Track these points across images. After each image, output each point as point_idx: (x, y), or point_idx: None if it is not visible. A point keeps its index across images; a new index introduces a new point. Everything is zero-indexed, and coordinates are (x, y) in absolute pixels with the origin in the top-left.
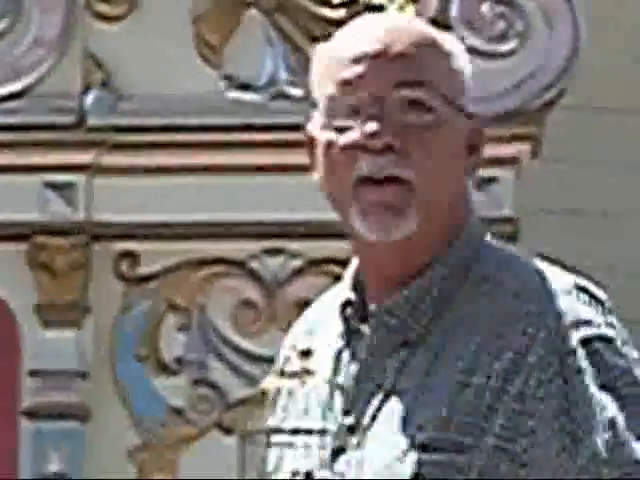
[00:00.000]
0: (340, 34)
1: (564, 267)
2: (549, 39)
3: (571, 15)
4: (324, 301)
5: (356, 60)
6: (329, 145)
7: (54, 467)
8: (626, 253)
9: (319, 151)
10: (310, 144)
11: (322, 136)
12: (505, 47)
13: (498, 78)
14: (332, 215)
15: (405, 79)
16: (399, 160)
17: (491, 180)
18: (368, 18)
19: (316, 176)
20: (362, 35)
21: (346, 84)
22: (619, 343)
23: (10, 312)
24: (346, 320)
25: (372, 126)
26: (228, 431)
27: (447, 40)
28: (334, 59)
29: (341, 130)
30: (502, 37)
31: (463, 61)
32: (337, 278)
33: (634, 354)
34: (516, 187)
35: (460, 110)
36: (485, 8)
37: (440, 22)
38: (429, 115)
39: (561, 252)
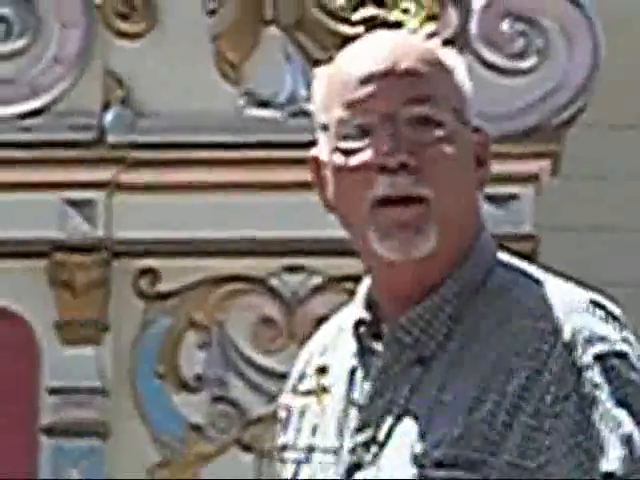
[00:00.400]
0: (342, 56)
1: (579, 283)
2: (569, 56)
3: (591, 32)
4: (337, 320)
5: (364, 80)
6: (339, 169)
7: None
8: None
9: (328, 175)
10: (316, 169)
11: (331, 160)
12: (525, 64)
13: (518, 95)
14: None
15: (415, 96)
16: (415, 178)
17: (511, 197)
18: (368, 38)
19: (325, 201)
20: (367, 55)
21: (356, 105)
22: (634, 359)
23: (30, 329)
24: (359, 339)
25: (386, 145)
26: (248, 448)
27: (448, 55)
28: (339, 81)
29: (349, 153)
30: (522, 54)
31: (464, 75)
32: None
33: None
34: (536, 204)
35: (466, 124)
36: (505, 25)
37: (459, 39)
38: (440, 130)
39: (580, 268)
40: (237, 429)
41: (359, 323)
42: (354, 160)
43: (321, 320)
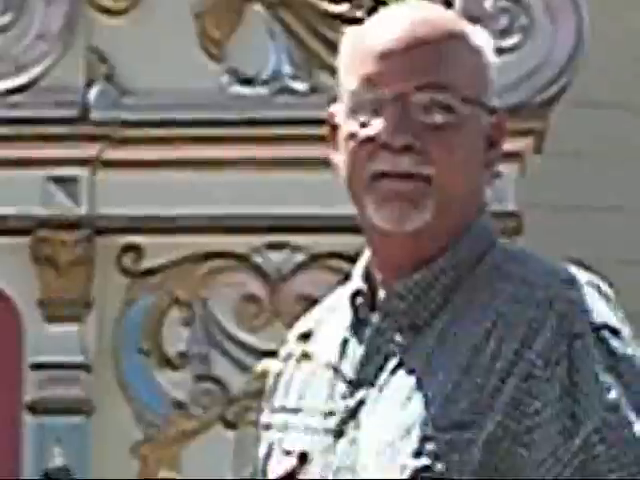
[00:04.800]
0: (370, 23)
1: (578, 263)
2: (553, 34)
3: (575, 9)
4: (328, 301)
5: (381, 56)
6: (350, 136)
7: (58, 461)
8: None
9: (340, 138)
10: (332, 128)
11: (345, 125)
12: (509, 42)
13: (501, 73)
14: (336, 210)
15: (429, 81)
16: (419, 158)
17: (495, 175)
18: (398, 8)
19: (336, 160)
20: (390, 28)
21: (369, 80)
22: (627, 336)
23: (13, 306)
24: (355, 310)
25: (393, 125)
26: (231, 425)
27: (476, 34)
28: (359, 51)
29: (361, 124)
30: (505, 32)
31: (491, 56)
32: (340, 272)
33: (637, 349)
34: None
35: (483, 106)
36: (488, 3)
37: None
38: (450, 116)
39: (564, 246)
40: (220, 406)
41: (356, 294)
42: (363, 132)
43: (305, 297)
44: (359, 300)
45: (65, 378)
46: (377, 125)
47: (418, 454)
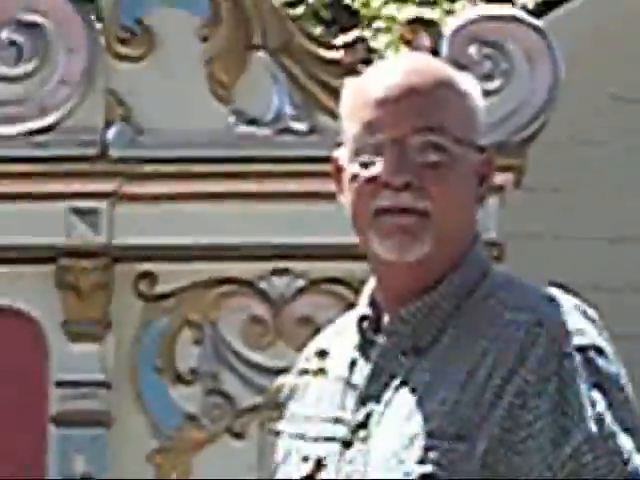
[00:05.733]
0: (369, 72)
1: (562, 288)
2: (531, 77)
3: (550, 54)
4: (333, 327)
5: (380, 103)
6: (354, 177)
7: (80, 469)
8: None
9: (345, 179)
10: (337, 170)
11: (349, 168)
12: (491, 85)
13: (484, 113)
14: (332, 239)
15: (423, 125)
16: (416, 195)
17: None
18: (394, 59)
19: (342, 199)
20: (386, 78)
21: (369, 126)
22: (611, 355)
23: (39, 327)
24: (362, 333)
25: (394, 165)
26: (238, 436)
27: (464, 80)
28: (360, 99)
29: (363, 165)
30: (488, 76)
31: (478, 99)
32: (337, 296)
33: (620, 367)
34: (500, 213)
35: (472, 146)
36: (473, 50)
37: None
38: (444, 155)
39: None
40: (228, 419)
41: (362, 319)
42: (366, 172)
43: (305, 319)
44: (365, 324)
45: (86, 394)
46: (378, 166)
47: (421, 462)
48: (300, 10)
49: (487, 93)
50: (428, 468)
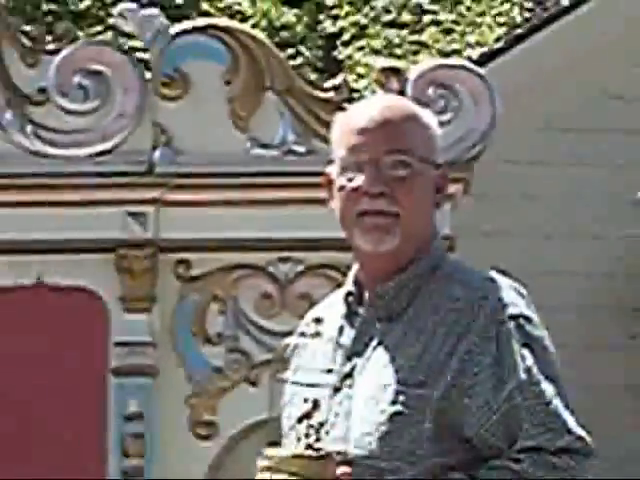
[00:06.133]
0: (353, 108)
1: (501, 272)
2: (475, 112)
3: (490, 95)
4: (325, 302)
5: (360, 132)
6: (341, 188)
7: (133, 409)
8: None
9: (335, 189)
10: (328, 182)
11: (337, 181)
12: (444, 118)
13: (440, 139)
14: (325, 234)
15: (393, 148)
16: (389, 201)
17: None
18: (373, 98)
19: (331, 205)
20: (365, 112)
21: (353, 149)
22: (537, 322)
23: (102, 301)
24: (348, 305)
25: (371, 178)
26: (253, 384)
27: (425, 114)
28: (346, 128)
29: (348, 179)
30: (442, 111)
31: (436, 128)
32: (329, 278)
33: (544, 331)
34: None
35: (431, 164)
36: (431, 90)
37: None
38: (410, 171)
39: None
40: (245, 371)
41: (348, 294)
42: (350, 184)
43: (304, 295)
44: (350, 299)
45: (137, 351)
46: (359, 179)
47: (393, 403)
48: (299, 60)
49: (442, 124)
50: (398, 408)
